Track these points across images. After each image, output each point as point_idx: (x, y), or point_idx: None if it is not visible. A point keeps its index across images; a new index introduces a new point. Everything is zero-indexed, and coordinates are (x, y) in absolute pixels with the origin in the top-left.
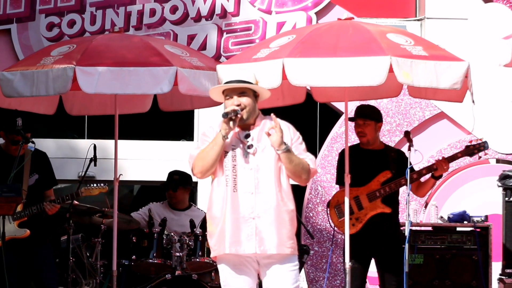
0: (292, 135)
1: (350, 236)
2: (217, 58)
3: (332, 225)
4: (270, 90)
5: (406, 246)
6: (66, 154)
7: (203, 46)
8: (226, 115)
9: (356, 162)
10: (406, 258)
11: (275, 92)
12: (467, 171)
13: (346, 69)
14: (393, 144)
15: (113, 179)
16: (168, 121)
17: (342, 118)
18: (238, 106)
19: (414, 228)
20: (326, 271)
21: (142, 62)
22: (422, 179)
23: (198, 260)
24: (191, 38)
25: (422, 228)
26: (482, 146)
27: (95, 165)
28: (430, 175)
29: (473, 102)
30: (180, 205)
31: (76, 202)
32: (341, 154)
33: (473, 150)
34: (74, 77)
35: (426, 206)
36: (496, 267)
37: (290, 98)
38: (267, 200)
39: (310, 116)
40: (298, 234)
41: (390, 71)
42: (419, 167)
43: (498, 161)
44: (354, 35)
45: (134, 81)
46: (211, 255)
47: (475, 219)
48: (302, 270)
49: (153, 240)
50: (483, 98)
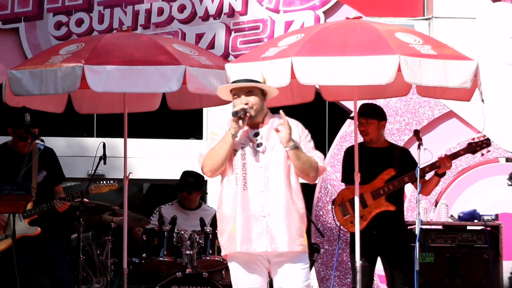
0: (300, 133)
1: (354, 234)
2: (225, 57)
3: (337, 223)
4: (279, 89)
5: (417, 244)
6: (76, 152)
7: (211, 45)
8: (235, 114)
9: (360, 160)
10: (417, 257)
11: (284, 91)
12: (477, 170)
13: (355, 68)
14: (402, 143)
15: (122, 178)
16: (177, 119)
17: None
18: (246, 105)
19: (424, 226)
20: (336, 270)
21: (151, 61)
22: (427, 177)
23: (208, 258)
24: (199, 37)
25: (433, 226)
26: (485, 143)
27: (105, 163)
28: (433, 173)
29: (482, 101)
30: (191, 205)
31: (86, 200)
32: (346, 152)
33: (475, 147)
34: (83, 75)
35: (436, 205)
36: (506, 266)
37: (299, 97)
38: (277, 198)
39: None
40: (308, 233)
41: (398, 70)
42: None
43: (508, 159)
44: (363, 34)
45: (143, 79)
46: (222, 254)
47: (486, 218)
48: (313, 268)
49: (163, 238)
50: (492, 97)
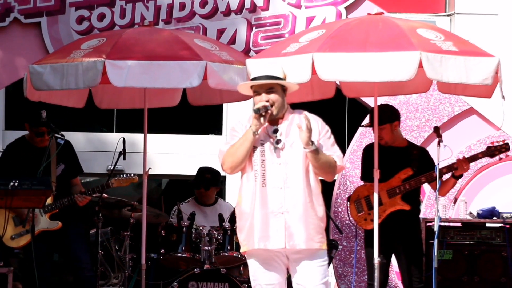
0: (320, 129)
1: (369, 231)
2: (246, 52)
3: (351, 219)
4: (300, 85)
5: (435, 241)
6: (95, 147)
7: (233, 40)
8: (257, 111)
9: (378, 159)
10: (435, 254)
11: (305, 87)
12: (497, 167)
13: (376, 64)
14: (422, 139)
15: (142, 173)
16: (197, 115)
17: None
18: (267, 102)
19: (443, 223)
20: (354, 266)
21: (172, 56)
22: (444, 178)
23: (226, 254)
24: (221, 32)
25: (451, 224)
26: (504, 148)
27: (124, 158)
28: (450, 174)
29: (503, 98)
30: (208, 201)
31: (105, 196)
32: (365, 150)
33: (494, 151)
34: (104, 70)
35: (455, 202)
36: None
37: (320, 93)
38: (296, 195)
39: (339, 111)
40: (327, 229)
41: (419, 67)
42: (448, 163)
43: None
44: (384, 30)
45: (164, 75)
46: (241, 250)
47: (505, 215)
48: (331, 265)
49: (182, 234)
50: None
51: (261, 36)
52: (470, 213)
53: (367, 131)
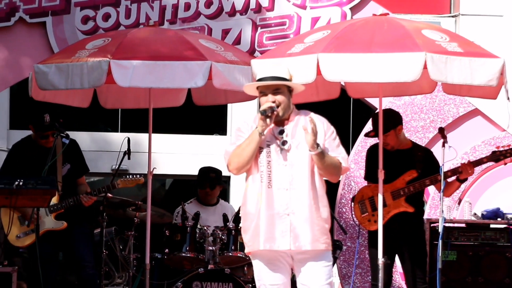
0: (326, 130)
1: (373, 232)
2: (251, 52)
3: (355, 220)
4: (305, 85)
5: (440, 242)
6: (100, 147)
7: (238, 41)
8: (264, 113)
9: (383, 160)
10: (440, 255)
11: (310, 87)
12: (501, 168)
13: (381, 65)
14: (426, 140)
15: (146, 173)
16: (201, 115)
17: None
18: (273, 103)
19: (447, 224)
20: (358, 267)
21: (177, 56)
22: (448, 180)
23: (231, 254)
24: (226, 32)
25: (456, 224)
26: (509, 153)
27: (129, 158)
28: (455, 178)
29: (508, 99)
30: (212, 201)
31: (110, 195)
32: (369, 150)
33: (499, 156)
34: (109, 70)
35: (459, 203)
36: None
37: (325, 93)
38: (301, 196)
39: (344, 111)
40: (331, 230)
41: (424, 68)
42: (453, 164)
43: None
44: (389, 31)
45: (169, 75)
46: (246, 251)
47: (509, 216)
48: (335, 265)
49: (186, 234)
50: None
51: (266, 36)
52: (475, 214)
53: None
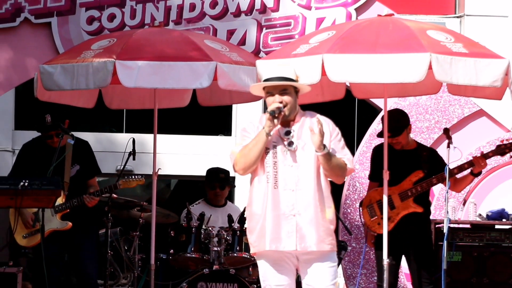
0: (331, 131)
1: (381, 234)
2: (256, 53)
3: (363, 224)
4: (310, 85)
5: (445, 243)
6: (105, 148)
7: (243, 41)
8: (273, 113)
9: (389, 161)
10: (444, 255)
11: (315, 88)
12: (506, 169)
13: (386, 65)
14: (431, 141)
15: (151, 173)
16: (206, 116)
17: (381, 114)
18: (280, 103)
19: (452, 225)
20: (363, 268)
21: (182, 57)
22: (460, 175)
23: (235, 255)
24: (231, 33)
25: (461, 225)
26: None
27: (134, 159)
28: (469, 172)
29: None
30: (221, 201)
31: (114, 196)
32: (374, 150)
33: (504, 149)
34: (114, 71)
35: (464, 204)
36: None
37: (330, 94)
38: (307, 197)
39: (349, 112)
40: (336, 230)
41: (429, 68)
42: (458, 164)
43: None
44: (394, 32)
45: (174, 75)
46: (251, 252)
47: None
48: (340, 266)
49: (191, 234)
50: None
51: (271, 37)
52: (480, 214)
53: (377, 132)
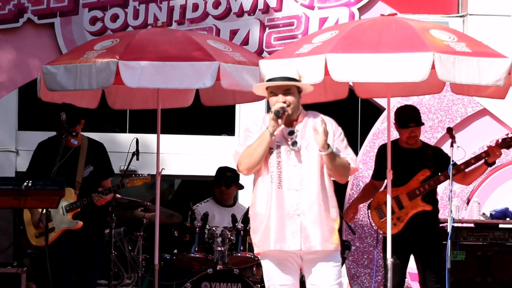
0: (334, 130)
1: (392, 235)
2: (259, 53)
3: (374, 226)
4: (313, 85)
5: (448, 242)
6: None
7: (246, 41)
8: (277, 113)
9: (394, 161)
10: (448, 255)
11: (318, 87)
12: (510, 168)
13: (389, 65)
14: (435, 140)
15: (155, 173)
16: (209, 115)
17: (384, 114)
18: (284, 103)
19: (456, 224)
20: (367, 267)
21: (185, 57)
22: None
23: (239, 254)
24: (234, 33)
25: (464, 224)
26: None
27: (137, 159)
28: (483, 162)
29: None
30: (228, 201)
31: (118, 196)
32: (380, 149)
33: (509, 142)
34: (117, 71)
35: (468, 203)
36: None
37: (333, 93)
38: (311, 196)
39: (352, 111)
40: (340, 230)
41: (432, 68)
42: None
43: None
44: (397, 31)
45: (177, 75)
46: (255, 252)
47: None
48: (343, 265)
49: (195, 234)
50: None
51: (274, 37)
52: (483, 214)
53: (380, 132)
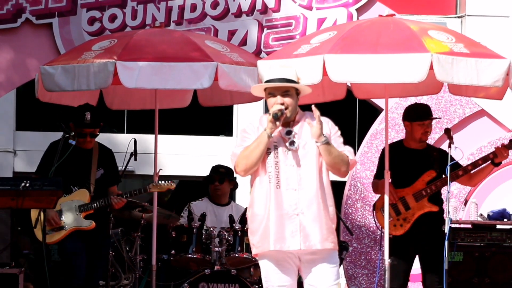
0: (330, 128)
1: (396, 238)
2: (257, 53)
3: (379, 227)
4: (311, 86)
5: (446, 243)
6: None
7: (244, 42)
8: (276, 116)
9: (400, 162)
10: (446, 256)
11: (316, 88)
12: (507, 169)
13: (387, 65)
14: (433, 141)
15: (152, 174)
16: (207, 116)
17: (382, 114)
18: (282, 105)
19: (453, 225)
20: (364, 268)
21: (183, 57)
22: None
23: (237, 255)
24: (232, 33)
25: (462, 225)
26: None
27: (135, 159)
28: (489, 162)
29: None
30: (223, 199)
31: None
32: (384, 149)
33: None
34: (115, 71)
35: (465, 204)
36: None
37: (331, 94)
38: (310, 196)
39: (350, 112)
40: (337, 231)
41: (430, 68)
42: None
43: None
44: (395, 32)
45: (175, 76)
46: (253, 252)
47: None
48: (341, 266)
49: (192, 235)
50: None
51: (272, 37)
52: (481, 214)
53: (378, 133)
